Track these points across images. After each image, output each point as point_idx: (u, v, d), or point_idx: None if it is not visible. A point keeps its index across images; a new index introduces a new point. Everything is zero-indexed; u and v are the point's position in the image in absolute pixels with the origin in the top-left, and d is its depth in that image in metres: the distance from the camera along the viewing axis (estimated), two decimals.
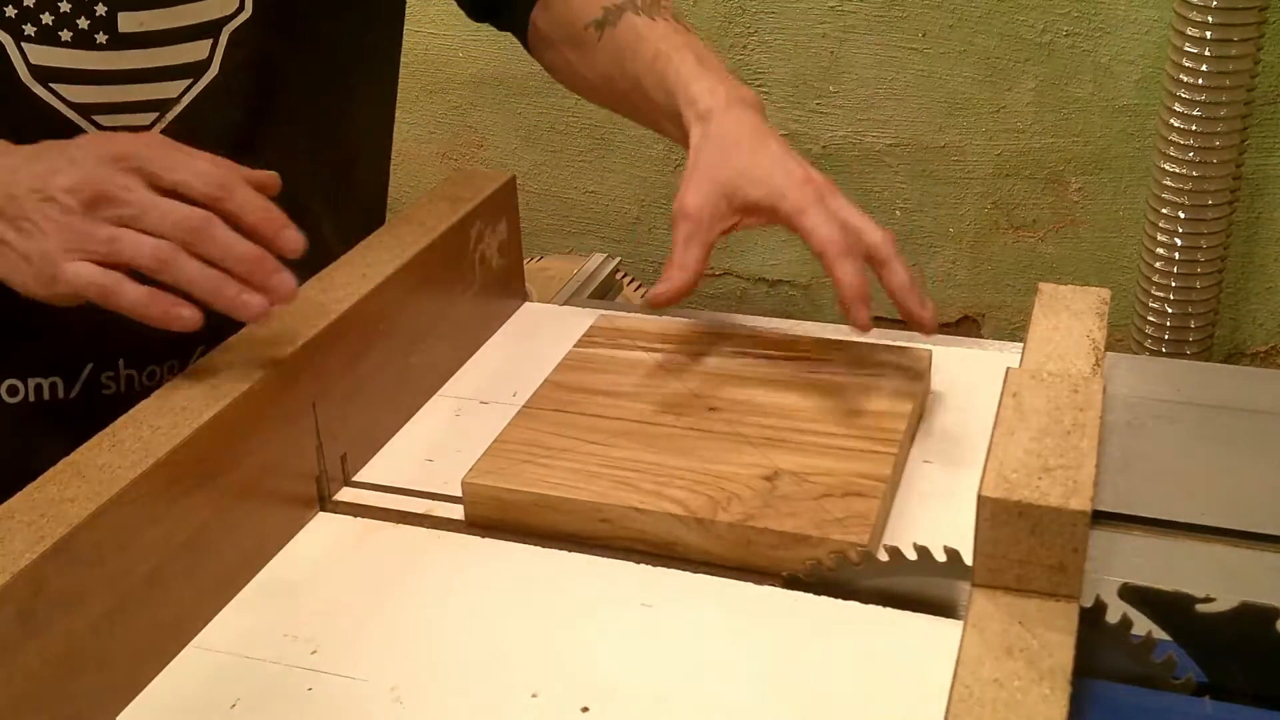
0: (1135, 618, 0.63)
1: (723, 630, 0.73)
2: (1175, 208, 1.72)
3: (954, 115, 1.91)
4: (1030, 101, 1.87)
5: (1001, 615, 0.62)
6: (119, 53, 0.87)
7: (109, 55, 0.87)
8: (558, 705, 0.68)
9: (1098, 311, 0.79)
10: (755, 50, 1.97)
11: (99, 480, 0.68)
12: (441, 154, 2.21)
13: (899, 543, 0.72)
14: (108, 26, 0.86)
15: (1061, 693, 0.57)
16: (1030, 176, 1.91)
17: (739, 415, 0.87)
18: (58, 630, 0.64)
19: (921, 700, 0.66)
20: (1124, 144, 1.85)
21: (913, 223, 1.99)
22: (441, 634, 0.74)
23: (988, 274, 1.98)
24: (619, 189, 2.12)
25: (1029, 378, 0.70)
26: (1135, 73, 1.81)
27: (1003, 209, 1.94)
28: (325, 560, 0.80)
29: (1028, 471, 0.63)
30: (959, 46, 1.87)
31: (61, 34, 0.85)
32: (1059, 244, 1.93)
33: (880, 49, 1.91)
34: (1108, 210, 1.89)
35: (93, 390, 0.94)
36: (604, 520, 0.79)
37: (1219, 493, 0.72)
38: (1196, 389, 0.82)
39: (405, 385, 0.93)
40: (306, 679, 0.71)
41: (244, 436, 0.76)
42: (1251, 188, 1.79)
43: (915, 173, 1.96)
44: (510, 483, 0.81)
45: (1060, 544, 0.61)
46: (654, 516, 0.78)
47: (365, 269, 0.89)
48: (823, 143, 1.98)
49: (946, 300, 2.02)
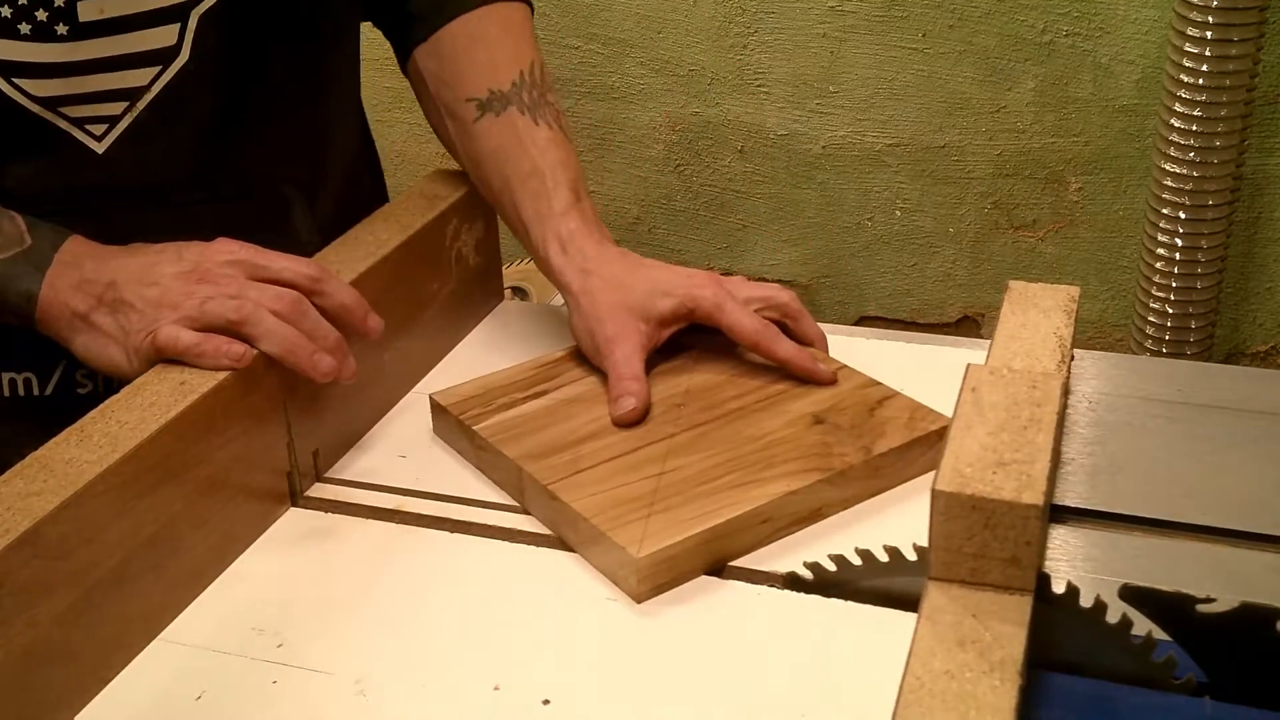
0: (1135, 618, 0.63)
1: (690, 627, 0.73)
2: (1176, 208, 1.71)
3: (954, 115, 1.91)
4: (1030, 101, 1.86)
5: (955, 608, 0.62)
6: (81, 43, 0.87)
7: (71, 46, 0.86)
8: (520, 698, 0.69)
9: (1066, 309, 0.79)
10: (755, 50, 1.97)
11: (65, 474, 0.69)
12: (441, 154, 2.20)
13: (897, 543, 0.73)
14: (67, 16, 0.85)
15: (1011, 684, 0.57)
16: (1030, 176, 1.90)
17: (710, 398, 0.89)
18: (22, 623, 0.64)
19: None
20: (1124, 144, 1.84)
21: (913, 223, 1.98)
22: (407, 628, 0.74)
23: (988, 274, 1.98)
24: (619, 189, 2.12)
25: (988, 374, 0.70)
26: (1135, 73, 1.80)
27: (1003, 209, 1.93)
28: (295, 555, 0.81)
29: (982, 466, 0.63)
30: (959, 46, 1.87)
31: (20, 27, 0.85)
32: (1059, 244, 1.93)
33: (880, 49, 1.91)
34: (1108, 210, 1.88)
35: (68, 389, 0.95)
36: (765, 521, 0.79)
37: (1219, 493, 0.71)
38: (1197, 389, 0.81)
39: (379, 381, 0.94)
40: (272, 672, 0.71)
41: (214, 432, 0.77)
42: (1251, 188, 1.78)
43: (915, 173, 1.96)
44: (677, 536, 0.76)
45: (1013, 537, 0.61)
46: (804, 492, 0.80)
47: (340, 265, 0.89)
48: (823, 143, 1.98)
49: (946, 300, 2.02)
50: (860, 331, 1.03)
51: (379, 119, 2.23)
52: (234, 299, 0.80)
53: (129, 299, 0.81)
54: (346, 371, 0.83)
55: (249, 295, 0.80)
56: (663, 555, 0.75)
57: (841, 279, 2.04)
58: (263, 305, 0.80)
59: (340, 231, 0.97)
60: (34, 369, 0.94)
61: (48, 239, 0.84)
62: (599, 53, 2.04)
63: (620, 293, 0.91)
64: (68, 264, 0.83)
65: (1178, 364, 0.88)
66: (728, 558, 0.78)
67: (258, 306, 0.80)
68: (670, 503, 0.78)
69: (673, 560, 0.75)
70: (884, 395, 0.88)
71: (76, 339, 0.83)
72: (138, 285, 0.81)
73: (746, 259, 2.07)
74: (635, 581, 0.74)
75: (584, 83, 2.07)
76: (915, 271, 2.01)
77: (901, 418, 0.85)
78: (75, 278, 0.82)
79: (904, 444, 0.83)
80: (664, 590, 0.75)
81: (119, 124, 0.90)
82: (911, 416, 0.85)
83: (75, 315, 0.82)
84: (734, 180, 2.04)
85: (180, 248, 0.83)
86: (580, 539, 0.79)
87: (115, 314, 0.81)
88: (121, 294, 0.81)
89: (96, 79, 0.88)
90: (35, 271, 0.82)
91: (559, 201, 0.95)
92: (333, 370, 0.81)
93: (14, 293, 0.82)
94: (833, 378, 0.90)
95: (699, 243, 2.09)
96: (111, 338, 0.81)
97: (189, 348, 0.78)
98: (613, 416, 0.86)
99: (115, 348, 0.81)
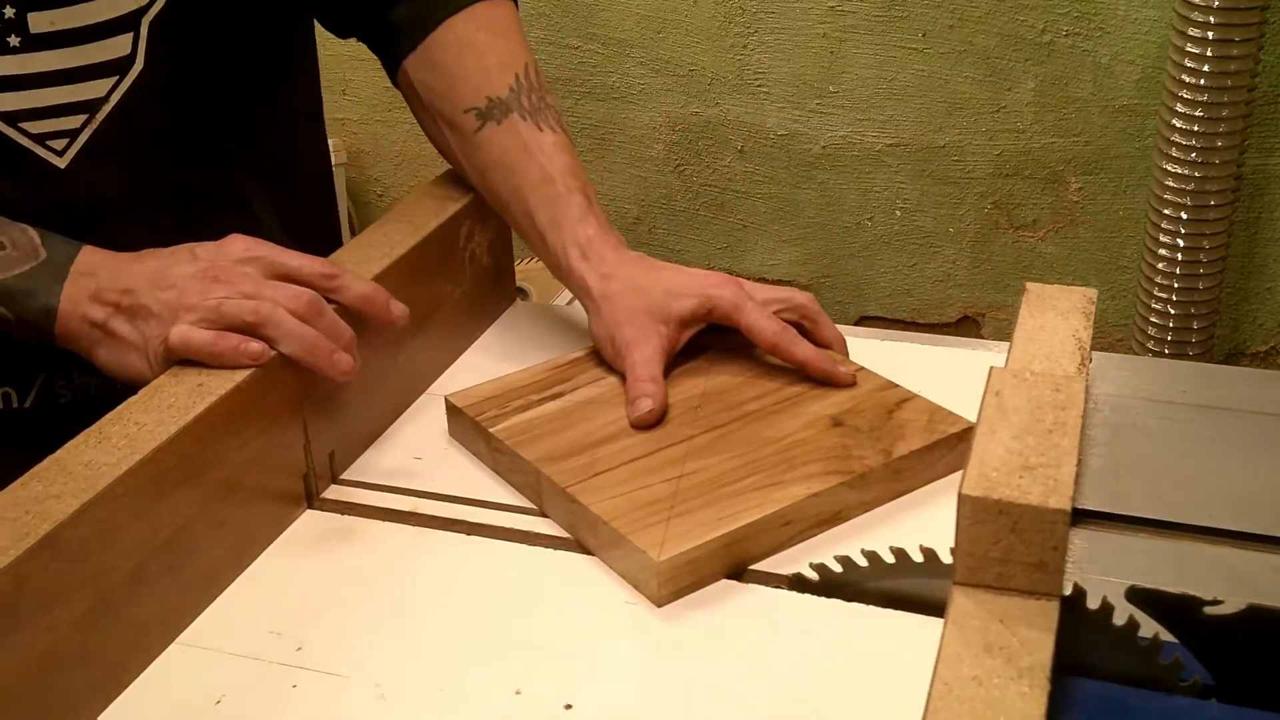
0: (1142, 620, 0.63)
1: (710, 630, 0.73)
2: (1177, 208, 1.72)
3: (954, 115, 1.91)
4: (1030, 101, 1.87)
5: (981, 613, 0.61)
6: (34, 55, 0.85)
7: (24, 58, 0.85)
8: (541, 703, 0.68)
9: (1084, 311, 0.79)
10: (755, 50, 1.97)
11: (84, 477, 0.68)
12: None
13: (902, 545, 0.72)
14: (18, 28, 0.84)
15: (1040, 690, 0.57)
16: (1030, 176, 1.91)
17: (728, 399, 0.88)
18: (41, 626, 0.64)
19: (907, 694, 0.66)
20: (1124, 144, 1.85)
21: (913, 223, 1.99)
22: (425, 631, 0.74)
23: (988, 274, 1.98)
24: (619, 189, 2.12)
25: (1011, 377, 0.70)
26: (1135, 73, 1.80)
27: (1003, 209, 1.94)
28: (311, 557, 0.80)
29: (1008, 470, 0.63)
30: (959, 46, 1.87)
31: None
32: (1059, 244, 1.93)
33: (880, 49, 1.91)
34: (1108, 210, 1.89)
35: (48, 399, 0.94)
36: (787, 523, 0.78)
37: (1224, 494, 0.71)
38: (1198, 390, 0.81)
39: (394, 383, 0.93)
40: (291, 675, 0.71)
41: (230, 434, 0.76)
42: (1252, 188, 1.79)
43: (915, 173, 1.96)
44: (698, 539, 0.75)
45: (1040, 542, 0.61)
46: (826, 495, 0.79)
47: (353, 267, 0.89)
48: (823, 143, 1.98)
49: (946, 300, 2.02)
50: (860, 331, 1.03)
51: (379, 119, 2.23)
52: (251, 299, 0.79)
53: (146, 303, 0.80)
54: (355, 369, 0.82)
55: (266, 294, 0.79)
56: (683, 559, 0.74)
57: (841, 279, 2.04)
58: (280, 305, 0.79)
59: (306, 231, 0.96)
60: (13, 384, 0.93)
61: (63, 250, 0.83)
62: (599, 53, 2.04)
63: (639, 296, 0.90)
64: (84, 274, 0.82)
65: (1180, 365, 0.87)
66: (748, 561, 0.77)
67: (275, 307, 0.79)
68: (690, 505, 0.78)
69: (693, 564, 0.75)
70: (902, 397, 0.88)
71: (99, 351, 0.82)
72: (154, 289, 0.80)
73: (746, 259, 2.07)
74: (656, 585, 0.74)
75: (584, 83, 2.07)
76: (915, 271, 2.01)
77: (921, 420, 0.85)
78: (92, 288, 0.81)
79: (924, 447, 0.83)
80: (684, 594, 0.75)
81: (79, 138, 0.89)
82: (931, 419, 0.85)
83: (95, 326, 0.81)
84: (734, 180, 2.04)
85: (193, 248, 0.83)
86: (599, 542, 0.78)
87: (134, 321, 0.80)
88: (139, 299, 0.80)
89: (53, 91, 0.87)
90: (54, 284, 0.82)
91: (574, 208, 0.94)
92: (351, 369, 0.81)
93: (34, 309, 0.82)
94: (852, 379, 0.90)
95: (699, 243, 2.09)
96: (132, 345, 0.81)
97: (203, 345, 0.77)
98: (630, 418, 0.86)
99: (136, 355, 0.81)
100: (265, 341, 0.79)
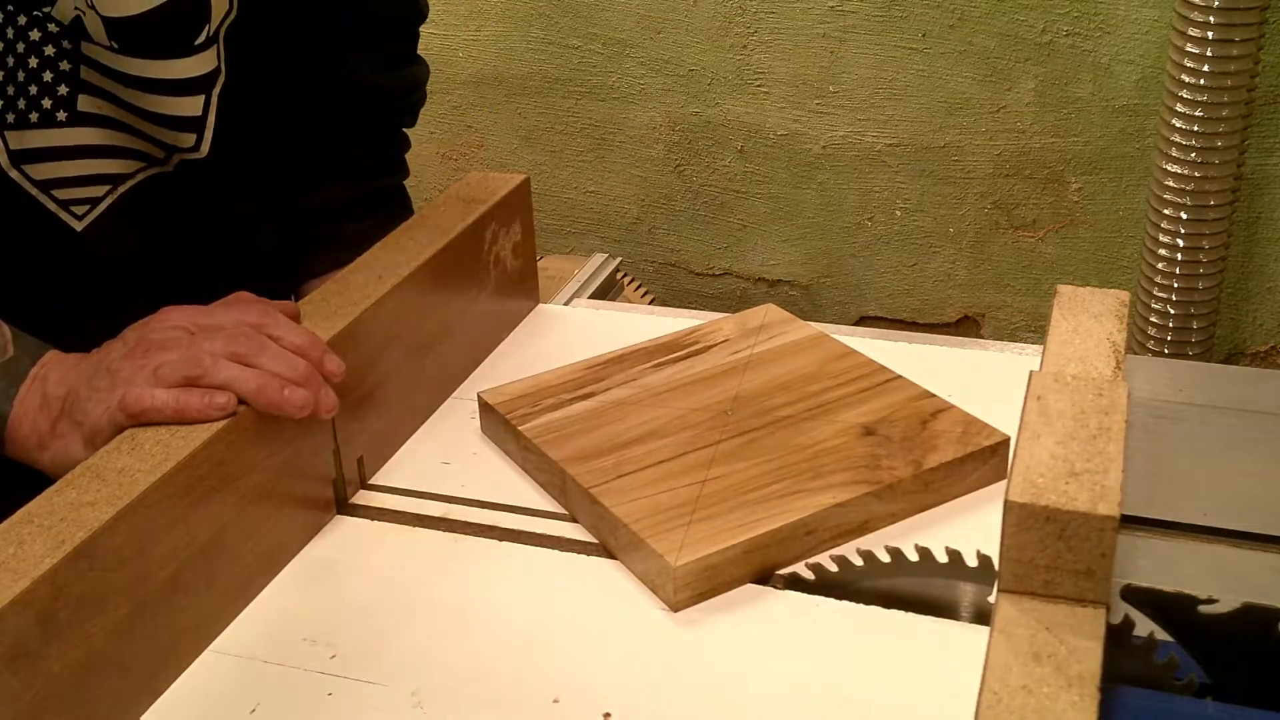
0: (1138, 619, 0.63)
1: (746, 637, 0.73)
2: (1177, 208, 1.72)
3: (954, 115, 1.91)
4: (1030, 101, 1.87)
5: (1028, 621, 0.61)
6: (77, 129, 0.87)
7: (68, 132, 0.87)
8: (579, 711, 0.68)
9: (1117, 314, 0.79)
10: (755, 50, 1.96)
11: (119, 484, 0.68)
12: (441, 154, 2.21)
13: (900, 544, 0.72)
14: (68, 105, 0.86)
15: (1091, 699, 0.57)
16: (1030, 176, 1.91)
17: (760, 405, 0.88)
18: (77, 635, 0.64)
19: (941, 700, 0.66)
20: (1124, 144, 1.85)
21: (913, 223, 1.99)
22: (460, 638, 0.73)
23: (988, 274, 1.98)
24: (619, 189, 2.11)
25: (1053, 381, 0.70)
26: (1135, 73, 1.81)
27: (1003, 209, 1.94)
28: (343, 564, 0.80)
29: (1054, 476, 0.62)
30: (959, 46, 1.87)
31: (31, 116, 0.85)
32: (1059, 244, 1.93)
33: (880, 49, 1.91)
34: (1108, 210, 1.89)
35: None
36: (810, 532, 0.78)
37: (1220, 493, 0.72)
38: (1198, 389, 0.82)
39: (421, 387, 0.93)
40: (326, 684, 0.70)
41: (263, 440, 0.76)
42: (1251, 188, 1.79)
43: (915, 173, 1.96)
44: (717, 545, 0.75)
45: (1088, 549, 0.61)
46: (851, 505, 0.79)
47: (381, 271, 0.89)
48: (823, 143, 1.98)
49: (946, 300, 2.02)
50: (860, 331, 1.03)
51: None
52: (187, 356, 0.76)
53: (84, 396, 0.77)
54: (325, 405, 0.78)
55: (201, 347, 0.76)
56: (701, 565, 0.74)
57: (841, 279, 2.04)
58: (217, 355, 0.76)
59: None
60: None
61: (29, 352, 0.81)
62: (599, 53, 2.03)
63: None
64: (39, 379, 0.80)
65: (1179, 364, 0.88)
66: (772, 568, 0.77)
67: (213, 357, 0.76)
68: (713, 511, 0.78)
69: (712, 570, 0.75)
70: (938, 408, 0.87)
71: (44, 456, 0.79)
72: (90, 383, 0.77)
73: (746, 259, 2.07)
74: (672, 590, 0.74)
75: (584, 83, 2.06)
76: (915, 271, 2.01)
77: (955, 431, 0.84)
78: (40, 396, 0.79)
79: (956, 459, 0.82)
80: (704, 599, 0.75)
81: (99, 205, 0.90)
82: (965, 430, 0.84)
83: (41, 435, 0.78)
84: (734, 180, 2.04)
85: (123, 334, 0.80)
86: (620, 545, 0.78)
87: (73, 416, 0.77)
88: (78, 396, 0.77)
89: (88, 164, 0.89)
90: (10, 387, 0.79)
91: None
92: (308, 403, 0.76)
93: None
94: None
95: (699, 243, 2.09)
96: (72, 438, 0.77)
97: (166, 404, 0.73)
98: None
99: (76, 443, 0.77)
100: None
